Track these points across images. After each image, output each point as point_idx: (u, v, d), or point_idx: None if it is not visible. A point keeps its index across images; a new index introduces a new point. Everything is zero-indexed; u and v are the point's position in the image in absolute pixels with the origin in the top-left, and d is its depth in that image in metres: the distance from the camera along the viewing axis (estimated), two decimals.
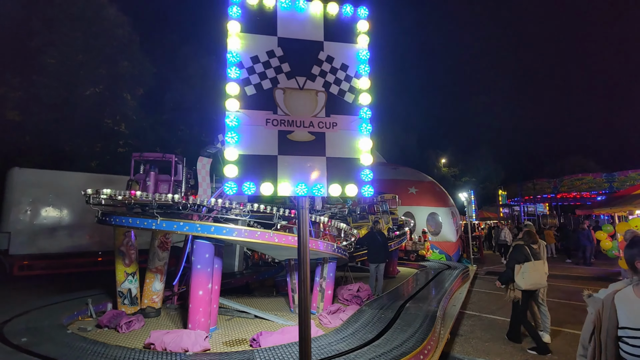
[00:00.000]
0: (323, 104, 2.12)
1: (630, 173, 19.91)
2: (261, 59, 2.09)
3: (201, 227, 5.22)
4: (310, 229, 6.68)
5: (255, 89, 2.05)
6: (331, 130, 2.10)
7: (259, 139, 2.01)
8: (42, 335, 4.89)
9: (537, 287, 5.48)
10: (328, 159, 2.06)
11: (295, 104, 2.08)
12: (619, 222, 11.06)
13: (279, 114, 2.06)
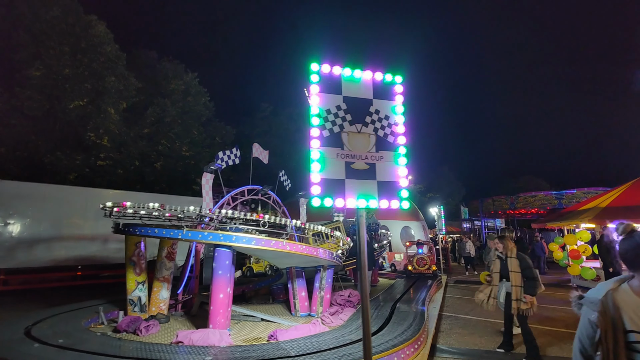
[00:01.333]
0: (373, 143, 3.03)
1: (577, 191, 22.50)
2: (332, 111, 2.97)
3: (224, 237, 5.88)
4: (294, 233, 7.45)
5: (329, 132, 2.93)
6: (379, 161, 3.01)
7: (332, 167, 2.87)
8: (74, 337, 5.27)
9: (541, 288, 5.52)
10: (378, 182, 2.96)
11: (355, 143, 2.98)
12: (567, 234, 12.75)
13: (344, 150, 2.94)
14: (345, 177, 2.89)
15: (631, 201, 11.26)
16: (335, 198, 2.82)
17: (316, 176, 2.80)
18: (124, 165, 18.24)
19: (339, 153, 2.92)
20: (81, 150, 16.33)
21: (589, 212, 11.74)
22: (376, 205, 2.90)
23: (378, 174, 2.97)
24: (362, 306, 2.84)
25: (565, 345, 6.30)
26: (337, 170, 2.89)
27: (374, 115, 3.08)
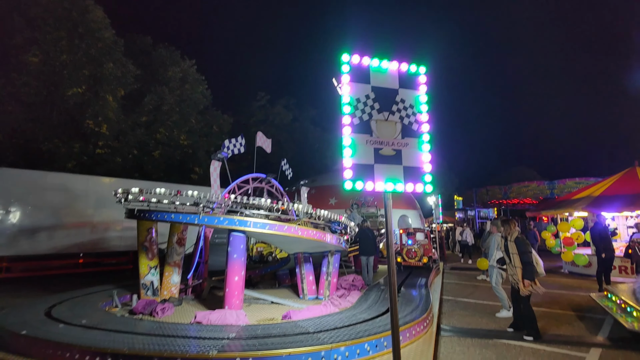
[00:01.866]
0: (399, 130, 3.21)
1: (568, 181, 23.06)
2: (362, 100, 3.14)
3: (239, 222, 6.06)
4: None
5: (359, 120, 3.10)
6: (405, 147, 3.20)
7: (362, 153, 3.06)
8: (95, 318, 5.45)
9: (543, 272, 5.79)
10: (404, 167, 3.16)
11: (383, 130, 3.16)
12: (560, 222, 13.18)
13: (373, 137, 3.12)
14: (374, 162, 3.08)
15: (623, 190, 11.67)
16: (366, 182, 3.01)
17: (348, 161, 2.99)
18: (123, 153, 18.16)
19: (368, 140, 3.11)
20: (79, 138, 16.20)
21: (582, 201, 12.14)
22: (402, 188, 3.11)
23: (404, 159, 3.17)
24: (389, 283, 3.07)
25: (562, 325, 6.69)
26: (367, 155, 3.08)
27: (400, 104, 3.26)
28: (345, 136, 3.03)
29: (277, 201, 9.96)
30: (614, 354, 5.12)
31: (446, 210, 36.56)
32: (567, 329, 6.36)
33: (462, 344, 5.59)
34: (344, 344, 4.10)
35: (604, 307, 6.82)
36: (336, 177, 23.19)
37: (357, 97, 3.14)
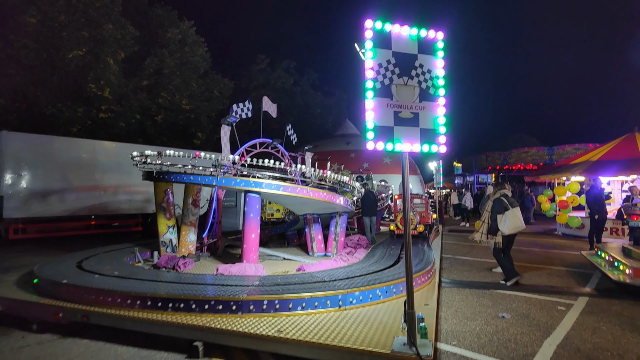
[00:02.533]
0: (418, 94, 3.44)
1: (567, 147, 23.33)
2: (383, 65, 3.34)
3: (254, 184, 6.39)
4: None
5: (380, 84, 3.32)
6: (422, 111, 3.44)
7: (383, 116, 3.31)
8: (126, 270, 5.89)
9: (517, 230, 6.49)
10: (421, 129, 3.42)
11: (402, 94, 3.38)
12: (557, 186, 13.61)
13: (393, 101, 3.35)
14: (394, 125, 3.33)
15: (620, 155, 11.99)
16: (385, 143, 3.28)
17: (370, 123, 3.24)
18: (126, 118, 18.15)
19: (388, 103, 3.34)
20: (82, 102, 16.15)
21: (580, 166, 12.49)
22: (418, 149, 3.38)
23: (421, 122, 3.42)
24: (404, 235, 3.43)
25: (554, 278, 7.26)
26: (387, 118, 3.32)
27: (419, 69, 3.46)
28: (368, 99, 3.26)
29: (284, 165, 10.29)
30: (599, 302, 5.66)
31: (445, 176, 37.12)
32: (557, 282, 6.92)
33: (461, 293, 6.13)
34: (358, 289, 4.56)
35: (593, 263, 7.37)
36: (338, 143, 23.35)
37: (379, 62, 3.33)
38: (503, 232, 6.42)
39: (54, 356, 3.95)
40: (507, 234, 6.43)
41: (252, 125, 23.97)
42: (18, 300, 4.92)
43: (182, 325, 3.93)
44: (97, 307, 4.44)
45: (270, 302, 4.20)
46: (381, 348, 3.26)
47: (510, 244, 6.73)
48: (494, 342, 4.13)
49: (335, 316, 4.13)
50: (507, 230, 6.38)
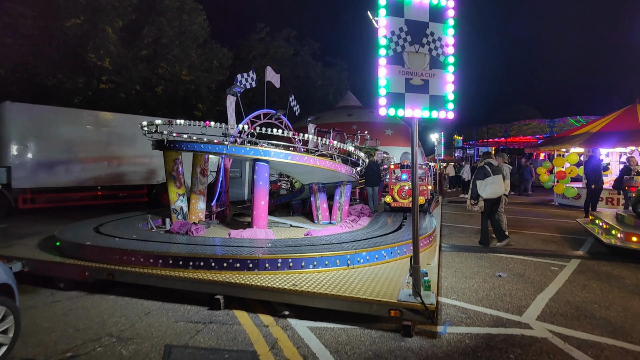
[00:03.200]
0: (428, 62, 3.57)
1: (569, 119, 23.34)
2: (395, 33, 3.44)
3: (263, 152, 6.57)
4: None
5: (393, 52, 3.44)
6: (432, 78, 3.58)
7: (395, 82, 3.45)
8: (143, 234, 6.19)
9: (495, 195, 6.94)
10: (431, 96, 3.57)
11: (414, 61, 3.51)
12: (556, 157, 13.81)
13: (405, 68, 3.49)
14: (405, 92, 3.49)
15: (621, 127, 12.12)
16: (397, 109, 3.45)
17: (383, 90, 3.39)
18: (126, 89, 18.02)
19: (400, 70, 3.47)
20: (82, 73, 15.98)
21: (580, 137, 12.64)
22: (428, 114, 3.55)
23: (431, 88, 3.57)
24: (412, 191, 3.67)
25: (549, 244, 7.62)
26: (399, 85, 3.47)
27: (429, 37, 3.57)
28: (381, 67, 3.40)
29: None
30: (591, 263, 6.02)
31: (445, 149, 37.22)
32: (552, 247, 7.28)
33: (460, 256, 6.49)
34: (365, 250, 4.87)
35: (587, 229, 7.71)
36: (340, 115, 23.28)
37: (391, 29, 3.44)
38: (482, 196, 6.96)
39: (85, 309, 4.28)
40: (484, 198, 6.96)
41: (252, 97, 23.79)
42: (44, 261, 5.23)
43: (203, 281, 4.24)
44: (121, 266, 4.75)
45: (284, 260, 4.51)
46: (388, 298, 3.57)
47: (494, 209, 7.18)
48: (490, 297, 4.48)
49: (344, 273, 4.45)
50: (484, 195, 6.92)
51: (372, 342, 3.37)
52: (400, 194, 9.61)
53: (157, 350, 3.24)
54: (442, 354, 3.14)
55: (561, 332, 3.51)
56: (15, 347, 3.23)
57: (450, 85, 3.62)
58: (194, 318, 3.95)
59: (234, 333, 3.57)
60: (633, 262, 5.92)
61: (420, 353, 3.15)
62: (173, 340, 3.43)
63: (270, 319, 3.91)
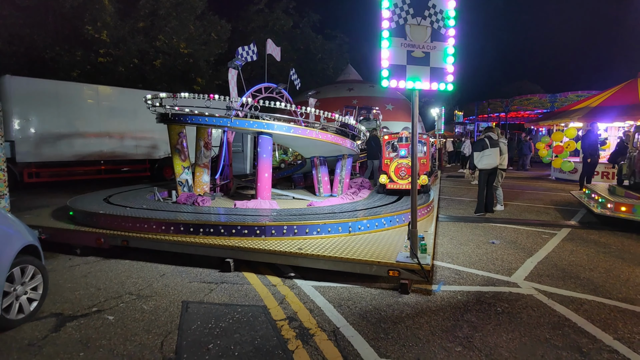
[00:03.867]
0: (429, 34, 3.67)
1: (570, 95, 23.21)
2: (399, 5, 3.53)
3: (267, 125, 6.71)
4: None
5: (395, 24, 3.54)
6: (433, 50, 3.69)
7: (396, 55, 3.57)
8: (152, 205, 6.43)
9: (489, 167, 7.22)
10: (431, 68, 3.70)
11: (415, 34, 3.61)
12: (555, 132, 13.93)
13: (407, 40, 3.60)
14: (407, 64, 3.61)
15: (620, 101, 12.16)
16: (398, 80, 3.59)
17: (385, 62, 3.52)
18: (124, 62, 17.82)
19: (402, 43, 3.59)
20: (80, 46, 15.78)
21: (580, 111, 12.70)
22: (428, 86, 3.70)
23: (431, 61, 3.69)
24: (411, 166, 3.87)
25: (542, 214, 7.91)
26: (400, 57, 3.59)
27: (431, 9, 3.65)
28: (384, 39, 3.51)
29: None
30: (580, 232, 6.32)
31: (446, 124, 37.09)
32: (545, 217, 7.56)
33: (456, 226, 6.77)
34: (366, 218, 5.13)
35: (580, 201, 7.97)
36: (340, 90, 23.10)
37: (395, 1, 3.52)
38: (477, 166, 7.31)
39: (103, 272, 4.58)
40: (480, 168, 7.30)
41: (251, 71, 23.50)
42: (60, 229, 5.50)
43: (214, 246, 4.51)
44: (135, 233, 5.02)
45: (290, 227, 4.77)
46: (387, 260, 3.85)
47: (490, 179, 7.44)
48: (483, 261, 4.78)
49: (346, 239, 4.72)
50: (480, 165, 7.26)
51: (372, 298, 3.67)
52: (399, 173, 7.65)
53: (175, 305, 3.54)
54: (435, 307, 3.45)
55: (546, 290, 3.82)
56: (44, 303, 3.52)
57: (450, 58, 3.74)
58: (206, 279, 4.25)
59: (245, 291, 3.87)
60: (620, 231, 6.22)
61: (415, 307, 3.46)
62: (189, 297, 3.73)
63: (278, 280, 4.21)
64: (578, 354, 2.67)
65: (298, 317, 3.27)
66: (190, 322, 3.19)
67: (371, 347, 2.77)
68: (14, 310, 3.16)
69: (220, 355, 2.67)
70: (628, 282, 4.06)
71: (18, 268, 3.22)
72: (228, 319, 3.22)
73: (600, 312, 3.33)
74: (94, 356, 2.69)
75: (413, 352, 2.70)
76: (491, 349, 2.73)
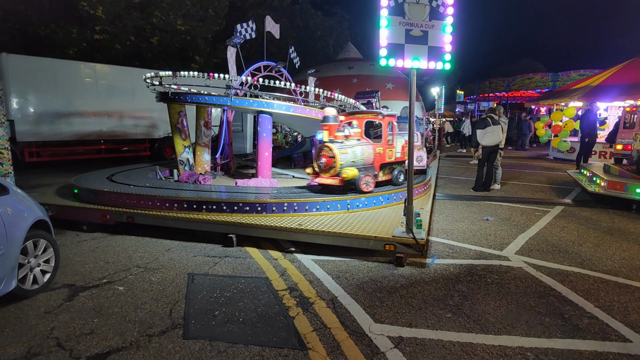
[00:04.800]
0: (428, 13, 3.68)
1: (572, 73, 22.95)
2: None
3: (267, 104, 6.75)
4: None
5: (394, 2, 3.55)
6: (431, 29, 3.72)
7: (395, 33, 3.60)
8: (154, 183, 6.56)
9: (492, 143, 7.44)
10: (429, 47, 3.74)
11: (414, 12, 3.63)
12: (554, 111, 13.90)
13: (405, 19, 3.62)
14: (405, 42, 3.65)
15: (621, 80, 12.10)
16: (397, 59, 3.64)
17: (384, 41, 3.56)
18: (121, 40, 17.54)
19: (401, 21, 3.61)
20: (76, 23, 15.48)
21: (580, 90, 12.65)
22: (426, 65, 3.75)
23: (430, 40, 3.73)
24: (408, 148, 3.97)
25: (537, 193, 8.06)
26: (399, 36, 3.63)
27: None
28: (383, 18, 3.53)
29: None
30: (573, 209, 6.48)
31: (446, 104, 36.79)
32: (540, 195, 7.72)
33: (452, 204, 6.93)
34: (364, 196, 5.27)
35: (575, 180, 8.11)
36: (340, 68, 22.80)
37: None
38: (481, 143, 7.50)
39: (110, 247, 4.75)
40: (483, 145, 7.51)
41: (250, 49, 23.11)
42: (65, 206, 5.64)
43: (217, 222, 4.67)
44: (139, 210, 5.16)
45: (290, 204, 4.91)
46: (384, 234, 4.01)
47: (491, 157, 7.66)
48: (476, 236, 4.95)
49: (344, 216, 4.87)
50: (484, 142, 7.47)
51: (369, 270, 3.86)
52: (319, 162, 5.55)
53: (182, 277, 3.72)
54: (429, 278, 3.63)
55: (535, 263, 4.00)
56: (56, 275, 3.70)
57: (448, 37, 3.77)
58: (210, 253, 4.42)
59: (247, 264, 4.05)
60: (612, 209, 6.38)
61: (410, 278, 3.64)
62: (194, 270, 3.91)
63: (279, 254, 4.39)
64: (560, 320, 2.86)
65: (298, 287, 3.45)
66: (197, 292, 3.37)
67: (367, 313, 2.96)
68: (29, 281, 3.34)
69: (226, 321, 2.86)
70: (614, 256, 4.24)
71: (31, 241, 3.37)
72: (232, 289, 3.41)
73: (585, 283, 3.51)
74: (108, 322, 2.88)
75: (406, 318, 2.89)
76: (479, 315, 2.92)
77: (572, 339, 2.60)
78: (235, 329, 2.75)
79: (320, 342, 2.57)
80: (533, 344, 2.54)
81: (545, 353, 2.44)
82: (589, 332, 2.69)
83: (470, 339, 2.59)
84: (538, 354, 2.43)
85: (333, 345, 2.54)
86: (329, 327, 2.77)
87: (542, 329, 2.73)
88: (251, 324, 2.81)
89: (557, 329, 2.73)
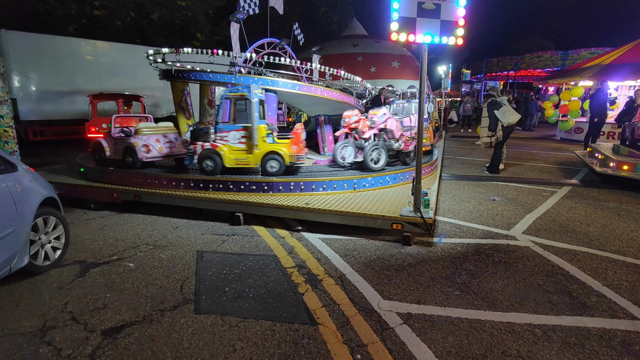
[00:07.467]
0: None
1: (583, 52, 22.35)
2: None
3: (271, 82, 6.63)
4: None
5: None
6: (444, 2, 3.58)
7: (407, 7, 3.47)
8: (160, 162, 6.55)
9: (516, 119, 7.19)
10: (441, 21, 3.61)
11: None
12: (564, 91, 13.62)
13: None
14: (417, 16, 3.52)
15: (634, 58, 11.76)
16: (408, 34, 3.52)
17: (395, 14, 3.43)
18: (121, 15, 17.16)
19: None
20: None
21: (591, 69, 12.34)
22: (438, 40, 3.63)
23: (442, 13, 3.59)
24: (417, 127, 3.90)
25: (544, 174, 8.00)
26: (411, 9, 3.50)
27: None
28: None
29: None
30: (580, 190, 6.43)
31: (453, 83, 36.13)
32: (547, 176, 7.66)
33: (458, 184, 6.90)
34: (371, 175, 5.24)
35: (583, 160, 8.02)
36: (344, 46, 22.28)
37: None
38: (503, 122, 7.15)
39: (118, 225, 4.78)
40: (507, 123, 7.15)
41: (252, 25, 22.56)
42: (73, 184, 5.66)
43: (224, 201, 4.67)
44: (146, 189, 5.17)
45: (296, 183, 4.90)
46: (391, 214, 4.00)
47: (507, 137, 7.43)
48: (483, 216, 4.94)
49: (351, 196, 4.86)
50: (507, 120, 7.11)
51: (376, 249, 3.87)
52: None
53: (191, 254, 3.76)
54: (436, 257, 3.65)
55: (542, 243, 4.00)
56: (67, 252, 3.74)
57: (462, 10, 3.63)
58: (218, 231, 4.45)
59: (255, 242, 4.08)
60: (620, 189, 6.33)
61: (417, 257, 3.66)
62: (203, 247, 3.94)
63: (286, 232, 4.41)
64: (568, 298, 2.87)
65: (306, 265, 3.48)
66: (206, 269, 3.41)
67: (375, 290, 2.99)
68: (41, 258, 3.38)
69: (236, 297, 2.90)
70: (622, 236, 4.22)
71: (41, 218, 3.39)
72: (241, 267, 3.44)
73: (592, 262, 3.52)
74: (120, 297, 2.92)
75: (414, 295, 2.92)
76: (487, 293, 2.94)
77: (580, 317, 2.62)
78: (245, 304, 2.79)
79: (330, 317, 2.60)
80: (541, 320, 2.56)
81: (553, 330, 2.46)
82: (596, 309, 2.71)
83: (478, 316, 2.62)
84: (546, 330, 2.45)
85: (343, 320, 2.57)
86: (338, 303, 2.80)
87: (550, 306, 2.75)
88: (261, 300, 2.85)
89: (564, 306, 2.75)
